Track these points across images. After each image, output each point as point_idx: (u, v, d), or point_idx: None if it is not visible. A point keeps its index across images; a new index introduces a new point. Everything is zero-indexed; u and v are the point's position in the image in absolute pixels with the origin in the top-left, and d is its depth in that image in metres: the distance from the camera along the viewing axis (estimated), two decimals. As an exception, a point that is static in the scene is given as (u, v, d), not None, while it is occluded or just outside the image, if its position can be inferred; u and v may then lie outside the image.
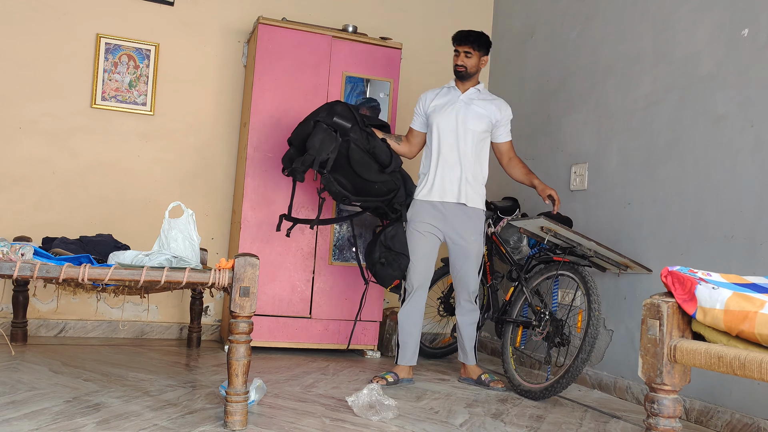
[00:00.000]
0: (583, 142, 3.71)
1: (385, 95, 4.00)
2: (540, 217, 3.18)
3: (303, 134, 3.22)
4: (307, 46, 3.83)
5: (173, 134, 4.08)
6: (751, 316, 1.45)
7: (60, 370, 2.92)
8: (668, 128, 3.14)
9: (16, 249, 2.11)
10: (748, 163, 2.72)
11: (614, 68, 3.54)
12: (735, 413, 2.64)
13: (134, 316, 3.97)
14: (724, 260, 2.77)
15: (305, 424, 2.36)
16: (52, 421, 2.15)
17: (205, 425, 2.23)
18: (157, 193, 4.02)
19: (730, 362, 1.43)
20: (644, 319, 1.63)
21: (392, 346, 4.04)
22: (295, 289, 3.77)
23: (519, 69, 4.43)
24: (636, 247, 3.24)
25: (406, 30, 4.55)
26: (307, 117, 3.28)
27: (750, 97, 2.74)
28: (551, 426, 2.60)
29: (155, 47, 4.03)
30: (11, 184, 3.78)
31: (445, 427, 2.48)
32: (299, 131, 3.25)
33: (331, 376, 3.26)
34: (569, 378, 2.89)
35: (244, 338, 2.19)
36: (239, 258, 2.19)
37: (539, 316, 3.19)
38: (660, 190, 3.15)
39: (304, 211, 3.80)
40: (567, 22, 3.99)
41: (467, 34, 3.30)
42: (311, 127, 3.18)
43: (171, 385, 2.77)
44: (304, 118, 3.29)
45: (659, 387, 1.59)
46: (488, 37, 3.35)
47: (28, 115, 3.80)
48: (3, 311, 3.71)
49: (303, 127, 3.24)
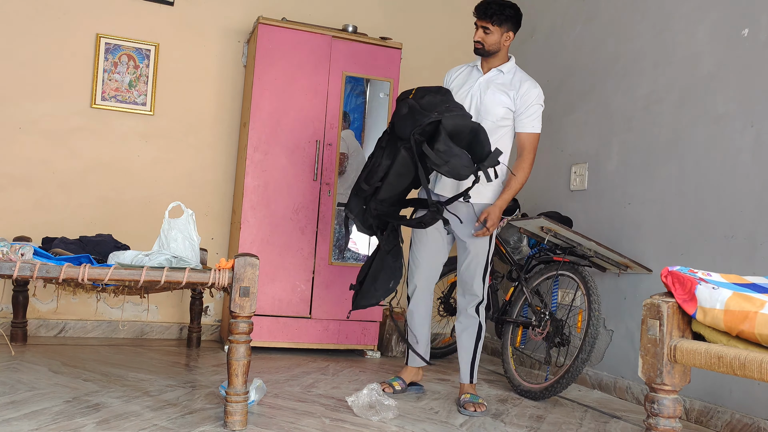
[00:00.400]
0: (583, 142, 3.71)
1: (385, 95, 4.00)
2: (540, 217, 3.18)
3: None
4: (306, 46, 3.83)
5: (173, 134, 4.08)
6: (751, 316, 1.45)
7: (60, 370, 2.92)
8: (668, 128, 3.14)
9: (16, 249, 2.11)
10: (748, 163, 2.72)
11: (614, 68, 3.54)
12: (735, 413, 2.64)
13: (134, 316, 3.97)
14: (724, 260, 2.77)
15: (305, 424, 2.36)
16: (52, 421, 2.15)
17: (205, 425, 2.23)
18: (157, 193, 4.02)
19: (730, 362, 1.43)
20: (644, 319, 1.63)
21: (392, 346, 4.04)
22: (295, 289, 3.77)
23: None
24: (636, 247, 3.24)
25: (406, 30, 4.55)
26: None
27: (750, 97, 2.74)
28: (551, 426, 2.60)
29: (155, 47, 4.02)
30: (11, 184, 3.77)
31: (445, 427, 2.48)
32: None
33: (331, 376, 3.26)
34: (569, 378, 2.89)
35: (244, 338, 2.19)
36: (239, 258, 2.18)
37: (539, 316, 3.19)
38: (660, 190, 3.15)
39: (304, 212, 3.80)
40: (567, 22, 3.99)
41: (486, 6, 2.84)
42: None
43: (171, 385, 2.77)
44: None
45: (659, 387, 1.59)
46: (515, 9, 2.87)
47: (28, 115, 3.80)
48: (3, 311, 3.70)
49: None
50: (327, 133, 3.85)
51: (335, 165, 3.86)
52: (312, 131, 3.83)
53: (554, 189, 3.90)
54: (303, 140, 3.80)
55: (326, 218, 3.83)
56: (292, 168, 3.78)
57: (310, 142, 3.82)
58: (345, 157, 3.94)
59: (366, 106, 4.03)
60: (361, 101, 4.01)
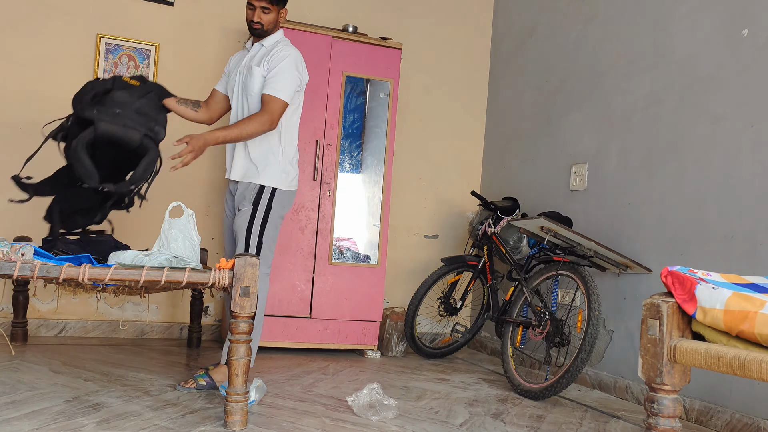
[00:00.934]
0: (583, 142, 3.71)
1: (385, 95, 4.00)
2: (540, 217, 3.18)
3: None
4: (307, 46, 3.82)
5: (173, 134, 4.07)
6: (751, 316, 1.45)
7: (60, 370, 2.92)
8: (668, 128, 3.14)
9: (17, 249, 2.12)
10: (748, 163, 2.72)
11: (614, 68, 3.54)
12: (735, 413, 2.65)
13: (134, 316, 3.97)
14: (724, 260, 2.77)
15: (305, 423, 2.36)
16: (52, 421, 2.15)
17: (205, 425, 2.23)
18: (158, 193, 4.01)
19: (730, 362, 1.43)
20: (644, 319, 1.63)
21: (392, 345, 4.05)
22: (295, 289, 3.77)
23: (519, 69, 4.43)
24: (636, 247, 3.24)
25: (406, 30, 4.55)
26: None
27: (750, 97, 2.74)
28: (551, 426, 2.60)
29: (155, 47, 4.03)
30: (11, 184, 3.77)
31: (445, 426, 2.48)
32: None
33: (331, 375, 3.26)
34: (569, 378, 2.89)
35: (244, 338, 2.19)
36: (239, 258, 2.19)
37: (539, 316, 3.19)
38: (660, 190, 3.15)
39: (304, 212, 3.80)
40: (567, 22, 3.99)
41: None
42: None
43: (171, 385, 2.77)
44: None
45: (659, 387, 1.59)
46: None
47: (28, 115, 3.80)
48: (3, 311, 3.71)
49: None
50: (327, 133, 3.85)
51: (335, 165, 3.87)
52: (312, 131, 3.83)
53: (554, 189, 3.90)
54: (303, 140, 3.80)
55: (326, 218, 3.83)
56: (292, 168, 3.78)
57: (309, 141, 3.82)
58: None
59: (366, 106, 4.03)
60: (361, 101, 4.01)
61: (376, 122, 4.02)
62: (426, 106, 4.63)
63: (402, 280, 4.48)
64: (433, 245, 4.60)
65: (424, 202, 4.60)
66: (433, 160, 4.62)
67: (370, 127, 4.03)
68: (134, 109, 2.59)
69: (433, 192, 4.62)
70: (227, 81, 2.99)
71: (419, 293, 3.96)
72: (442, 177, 4.62)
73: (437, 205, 4.62)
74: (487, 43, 4.81)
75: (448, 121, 4.66)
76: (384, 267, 3.95)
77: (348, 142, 3.96)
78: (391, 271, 4.42)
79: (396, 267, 4.46)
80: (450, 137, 4.68)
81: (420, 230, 4.58)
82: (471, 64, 4.76)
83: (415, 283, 4.38)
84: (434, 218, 4.61)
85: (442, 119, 4.66)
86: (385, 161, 3.97)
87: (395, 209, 4.45)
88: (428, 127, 4.63)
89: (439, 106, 4.66)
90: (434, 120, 4.64)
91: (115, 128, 2.51)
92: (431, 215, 4.61)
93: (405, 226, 4.53)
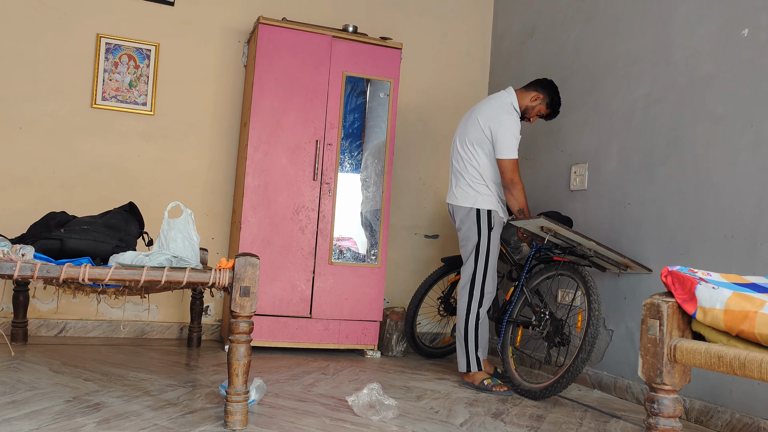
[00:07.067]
0: (583, 142, 3.71)
1: (385, 95, 4.00)
2: (540, 216, 3.18)
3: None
4: (307, 46, 3.83)
5: (173, 134, 4.08)
6: (751, 316, 1.45)
7: (60, 369, 2.92)
8: (668, 128, 3.14)
9: (17, 249, 2.12)
10: (748, 163, 2.72)
11: (614, 68, 3.54)
12: (735, 413, 2.65)
13: (134, 316, 3.97)
14: (724, 260, 2.77)
15: (305, 423, 2.36)
16: (52, 421, 2.15)
17: (206, 425, 2.23)
18: (157, 193, 4.02)
19: (730, 362, 1.43)
20: (644, 319, 1.63)
21: (392, 345, 4.05)
22: (295, 289, 3.77)
23: (519, 69, 4.43)
24: (636, 247, 3.24)
25: (406, 30, 4.55)
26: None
27: (750, 97, 2.74)
28: (551, 426, 2.60)
29: (155, 47, 4.03)
30: (11, 184, 3.78)
31: (445, 426, 2.48)
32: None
33: (331, 375, 3.26)
34: (569, 378, 2.89)
35: (245, 338, 2.19)
36: (239, 258, 2.19)
37: (539, 316, 3.19)
38: (660, 190, 3.15)
39: (304, 211, 3.80)
40: (567, 22, 3.99)
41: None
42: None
43: (171, 385, 2.77)
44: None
45: (659, 387, 1.59)
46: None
47: (28, 115, 3.80)
48: (3, 311, 3.71)
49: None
50: (327, 133, 3.86)
51: (335, 165, 3.87)
52: (312, 131, 3.83)
53: (554, 189, 3.90)
54: (303, 140, 3.81)
55: (326, 218, 3.83)
56: (292, 168, 3.79)
57: (310, 141, 3.82)
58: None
59: (366, 106, 4.03)
60: (361, 101, 4.01)
61: (376, 122, 4.03)
62: (426, 105, 4.63)
63: (402, 280, 4.48)
64: (433, 245, 4.60)
65: (424, 202, 4.60)
66: (433, 159, 4.62)
67: (370, 127, 4.03)
68: (102, 223, 2.55)
69: (433, 192, 4.62)
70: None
71: (419, 293, 3.97)
72: (443, 177, 4.62)
73: (437, 205, 4.62)
74: (487, 43, 4.81)
75: (449, 121, 4.65)
76: (384, 267, 3.95)
77: (348, 142, 3.96)
78: (391, 271, 4.42)
79: (396, 267, 4.46)
80: (450, 137, 4.67)
81: (420, 230, 4.58)
82: (471, 63, 4.76)
83: (415, 283, 4.39)
84: (434, 218, 4.61)
85: (443, 119, 4.66)
86: (385, 161, 3.97)
87: (395, 209, 4.45)
88: (428, 126, 4.63)
89: (440, 105, 4.66)
90: (434, 120, 4.65)
91: (84, 243, 2.45)
92: (431, 215, 4.61)
93: (405, 226, 4.53)
